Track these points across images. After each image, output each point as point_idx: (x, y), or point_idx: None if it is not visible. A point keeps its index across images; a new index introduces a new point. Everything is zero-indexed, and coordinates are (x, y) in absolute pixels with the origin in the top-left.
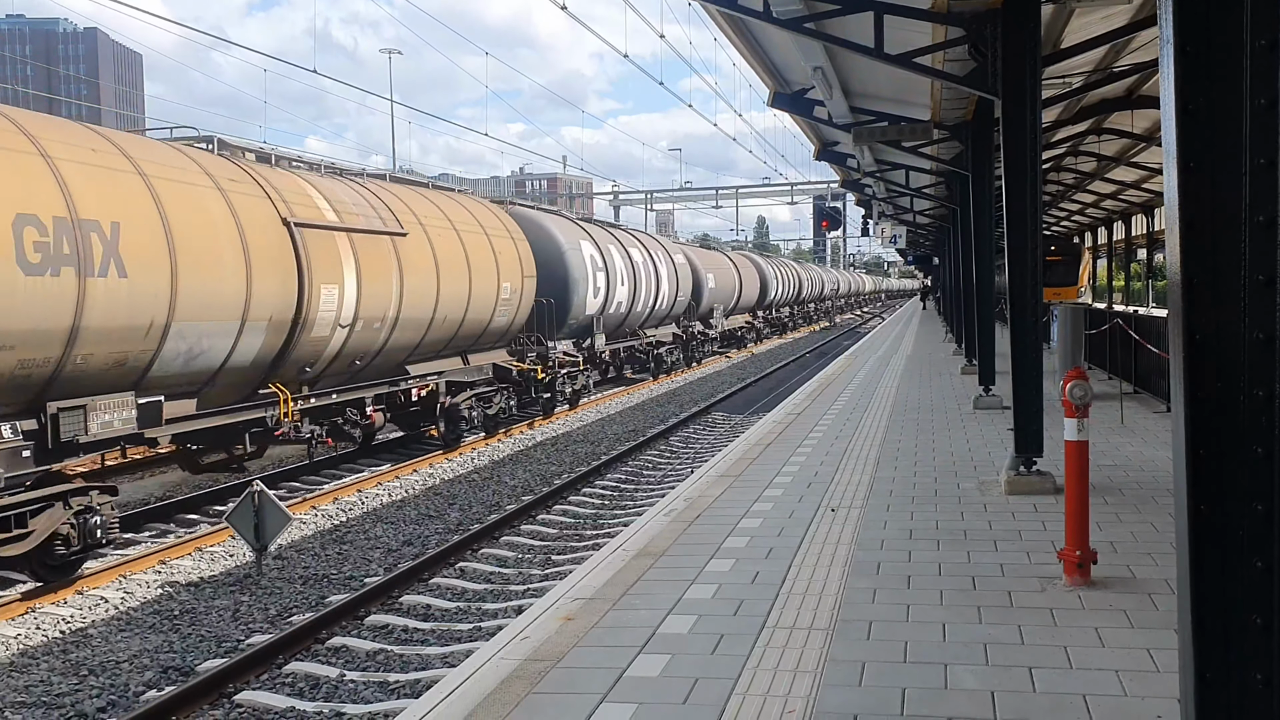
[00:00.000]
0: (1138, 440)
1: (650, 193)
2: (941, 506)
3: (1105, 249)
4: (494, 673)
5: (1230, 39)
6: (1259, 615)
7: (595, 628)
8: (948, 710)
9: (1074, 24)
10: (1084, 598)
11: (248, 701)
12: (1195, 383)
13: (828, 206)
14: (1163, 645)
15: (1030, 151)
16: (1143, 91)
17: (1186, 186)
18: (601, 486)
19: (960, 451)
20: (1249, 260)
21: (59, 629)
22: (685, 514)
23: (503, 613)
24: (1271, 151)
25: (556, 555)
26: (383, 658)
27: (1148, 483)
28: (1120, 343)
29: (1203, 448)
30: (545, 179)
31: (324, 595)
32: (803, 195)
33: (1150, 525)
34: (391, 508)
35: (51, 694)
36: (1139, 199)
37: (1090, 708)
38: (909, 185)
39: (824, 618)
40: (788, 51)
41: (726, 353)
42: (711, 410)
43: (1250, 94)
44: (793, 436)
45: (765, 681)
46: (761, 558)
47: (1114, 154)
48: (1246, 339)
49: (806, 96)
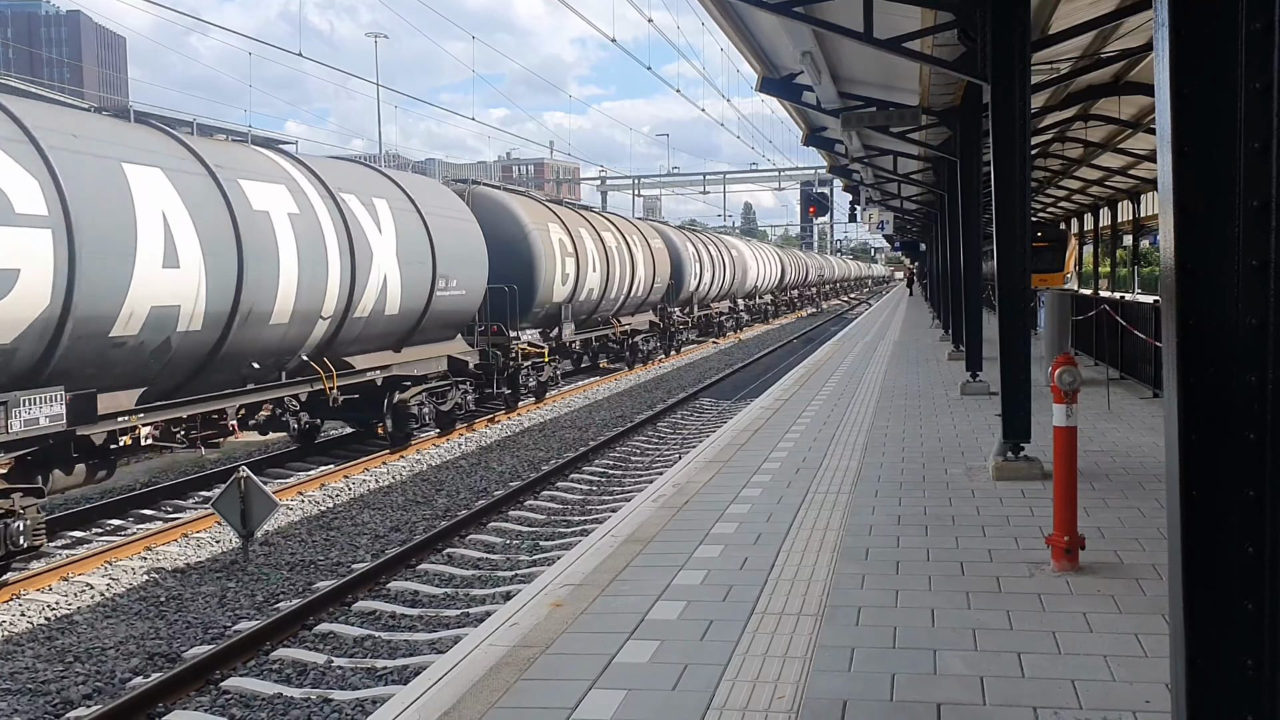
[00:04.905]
0: (1124, 426)
1: (638, 178)
2: (929, 492)
3: (1091, 235)
4: (482, 659)
5: (1225, 22)
6: (1250, 601)
7: (584, 614)
8: (937, 695)
9: (1062, 9)
10: (1072, 583)
11: (235, 688)
12: (1188, 368)
13: (815, 192)
14: (1150, 630)
15: (1019, 137)
16: (1130, 77)
17: (1180, 171)
18: (589, 472)
19: (948, 437)
20: (1242, 245)
21: (44, 615)
22: (674, 500)
23: (491, 599)
24: (1266, 136)
25: (545, 541)
26: (370, 644)
27: (1135, 468)
28: (1107, 328)
29: (1195, 433)
30: (532, 164)
31: (311, 581)
32: (790, 181)
33: (1138, 511)
34: (379, 494)
35: (36, 680)
36: (1125, 185)
37: (1079, 693)
38: (897, 171)
39: (813, 603)
40: (776, 36)
41: (710, 340)
42: (699, 396)
43: (1245, 78)
44: (780, 422)
45: (754, 667)
46: (750, 544)
47: (1101, 140)
48: (1239, 324)
49: (795, 82)
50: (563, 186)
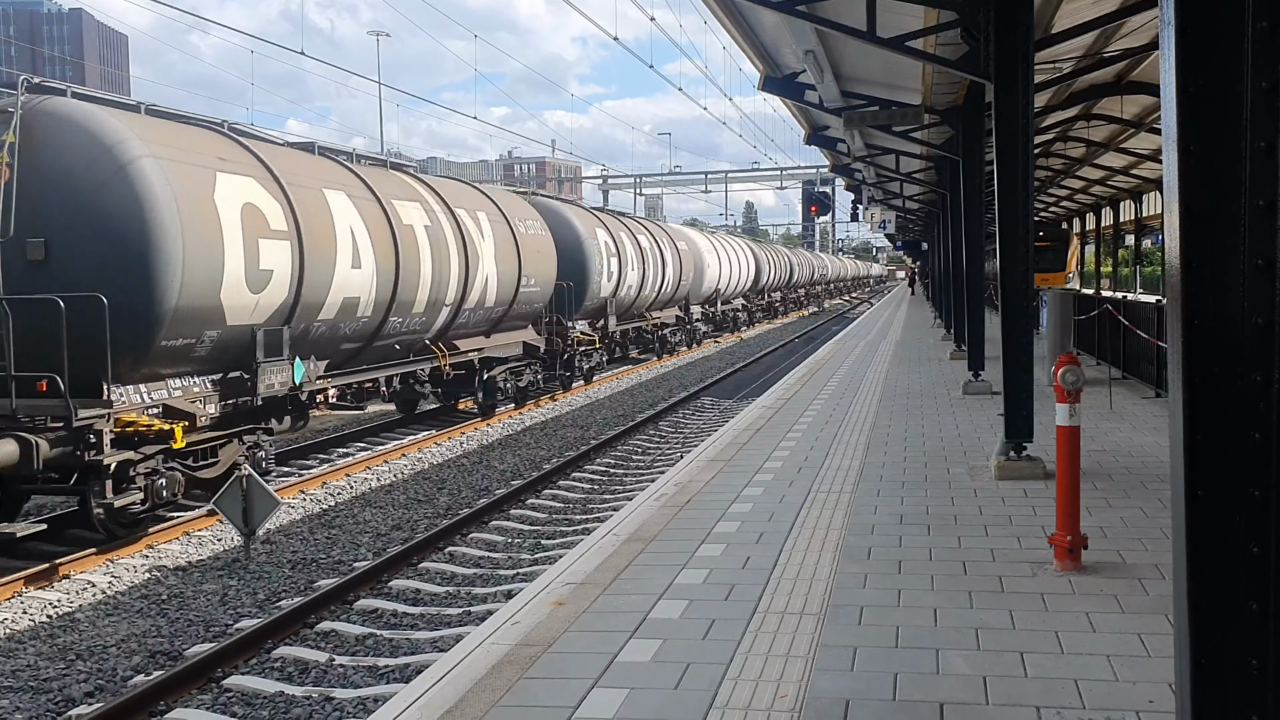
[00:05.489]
0: (1127, 425)
1: (639, 177)
2: (932, 491)
3: (1093, 234)
4: (484, 658)
5: (1231, 21)
6: (1255, 601)
7: (586, 612)
8: (940, 695)
9: (1065, 8)
10: (1075, 583)
11: (236, 686)
12: (1193, 368)
13: (817, 191)
14: (1153, 630)
15: (1022, 135)
16: (1133, 77)
17: (1186, 170)
18: (591, 471)
19: (950, 437)
20: (1248, 244)
21: (46, 614)
22: (676, 499)
23: (493, 597)
24: (1272, 135)
25: (547, 540)
26: (372, 642)
27: (1137, 468)
28: (1109, 328)
29: (1200, 433)
30: (533, 163)
31: (312, 580)
32: (792, 180)
33: (1140, 510)
34: (380, 492)
35: (39, 678)
36: (1127, 184)
37: (1082, 692)
38: (899, 170)
39: (815, 603)
40: (779, 34)
41: (718, 336)
42: (701, 395)
43: (1251, 76)
44: (783, 421)
45: (757, 667)
46: (752, 543)
47: (1103, 139)
48: (1245, 324)
49: (797, 80)
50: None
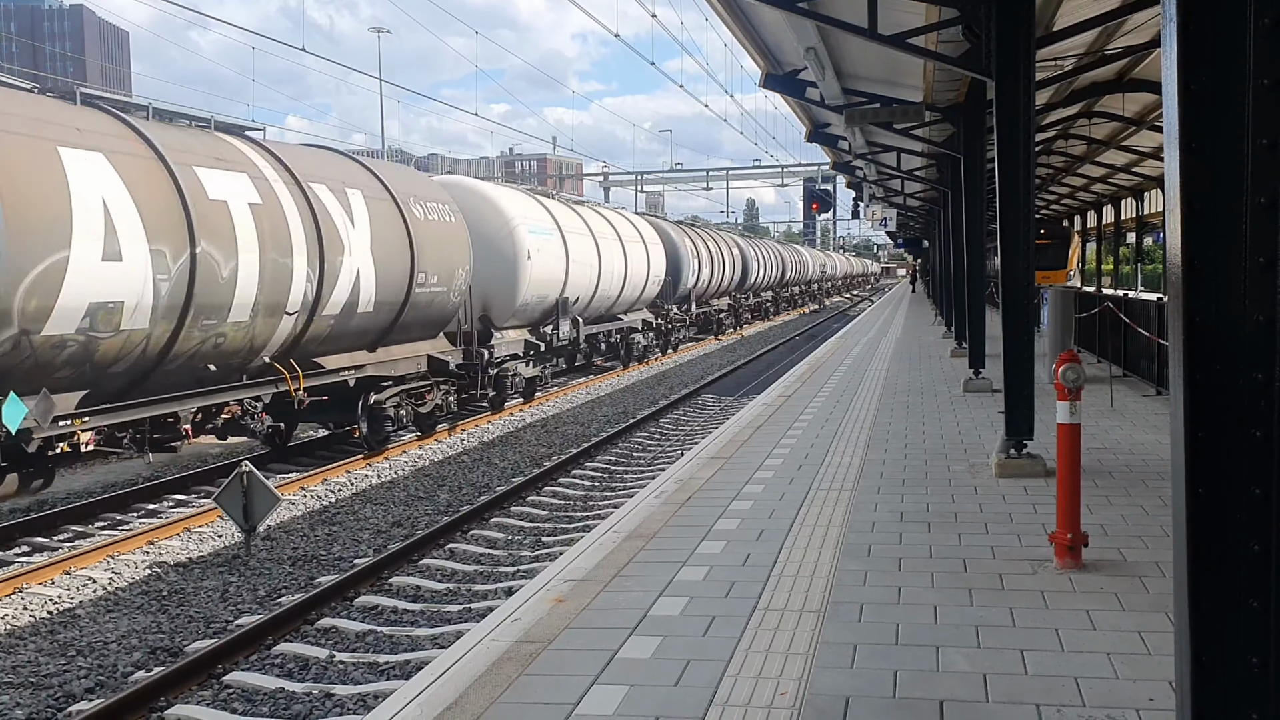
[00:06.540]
0: (1127, 423)
1: (640, 174)
2: (932, 489)
3: (1094, 232)
4: (485, 654)
5: (1234, 18)
6: (1256, 599)
7: (586, 609)
8: (940, 692)
9: (1066, 6)
10: (1075, 580)
11: (237, 682)
12: (1194, 365)
13: (818, 189)
14: (1154, 628)
15: (1023, 133)
16: (1134, 75)
17: (1187, 167)
18: (592, 468)
19: (950, 434)
20: (1250, 242)
21: (46, 609)
22: (676, 496)
23: (493, 594)
24: (1274, 132)
25: (547, 537)
26: (372, 639)
27: (1138, 466)
28: (1110, 326)
29: (1201, 431)
30: (534, 160)
31: (313, 576)
32: (793, 177)
33: (1141, 508)
34: (380, 489)
35: (39, 674)
36: (1129, 182)
37: (1082, 690)
38: (900, 167)
39: (815, 600)
40: (780, 31)
41: (707, 338)
42: (701, 393)
43: (1253, 74)
44: (783, 419)
45: (757, 664)
46: (753, 540)
47: (1104, 137)
48: (1247, 322)
49: (798, 78)
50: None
